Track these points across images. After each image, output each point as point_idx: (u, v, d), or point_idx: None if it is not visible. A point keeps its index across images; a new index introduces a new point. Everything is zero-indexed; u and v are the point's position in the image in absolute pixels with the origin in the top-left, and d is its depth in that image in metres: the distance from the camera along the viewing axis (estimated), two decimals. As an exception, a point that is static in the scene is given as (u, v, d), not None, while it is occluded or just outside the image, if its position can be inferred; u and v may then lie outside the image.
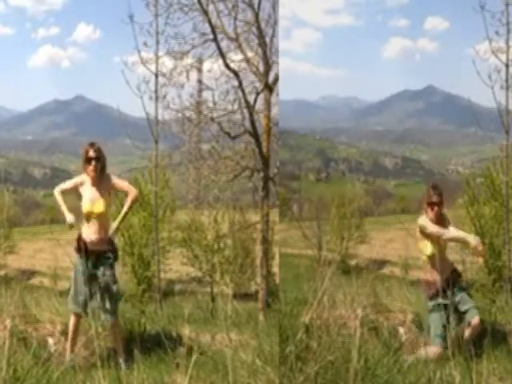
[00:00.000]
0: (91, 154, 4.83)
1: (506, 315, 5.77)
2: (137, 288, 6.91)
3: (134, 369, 4.34)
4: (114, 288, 4.85)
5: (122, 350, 4.85)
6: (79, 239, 4.85)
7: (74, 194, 4.93)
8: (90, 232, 4.81)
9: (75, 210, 4.89)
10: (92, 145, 4.89)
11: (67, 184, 4.91)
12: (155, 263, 7.07)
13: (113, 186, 4.90)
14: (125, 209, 4.93)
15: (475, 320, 4.81)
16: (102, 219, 4.84)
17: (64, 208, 4.79)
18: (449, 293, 4.80)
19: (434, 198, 4.93)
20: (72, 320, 4.92)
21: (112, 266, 4.88)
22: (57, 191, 4.85)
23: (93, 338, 4.69)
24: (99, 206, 4.79)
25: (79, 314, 4.89)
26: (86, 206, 4.80)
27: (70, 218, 4.75)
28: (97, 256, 4.79)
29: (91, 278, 4.81)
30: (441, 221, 4.95)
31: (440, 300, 4.85)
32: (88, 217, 4.80)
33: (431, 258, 4.88)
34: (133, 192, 4.94)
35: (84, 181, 4.87)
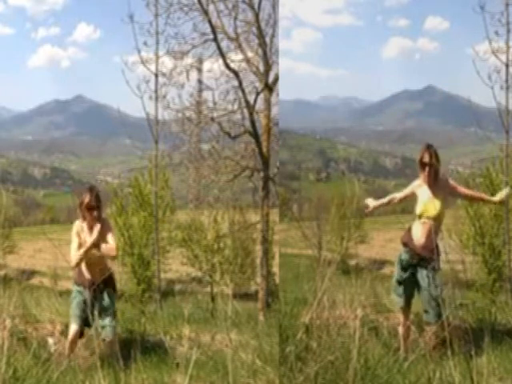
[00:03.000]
0: (93, 203, 4.64)
1: (506, 315, 5.77)
2: (137, 288, 6.91)
3: (134, 369, 4.35)
4: (113, 310, 4.77)
5: (119, 355, 4.78)
6: (79, 273, 4.80)
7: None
8: (89, 272, 4.74)
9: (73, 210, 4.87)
10: (91, 191, 4.70)
11: (74, 242, 4.70)
12: (155, 263, 7.07)
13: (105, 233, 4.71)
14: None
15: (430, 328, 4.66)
16: (101, 262, 4.78)
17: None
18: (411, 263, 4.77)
19: (425, 158, 4.86)
20: (72, 331, 4.85)
21: (112, 293, 4.82)
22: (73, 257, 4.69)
23: (93, 338, 4.69)
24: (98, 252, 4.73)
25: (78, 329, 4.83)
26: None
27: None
28: (95, 289, 4.70)
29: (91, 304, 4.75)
30: (434, 182, 4.77)
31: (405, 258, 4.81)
32: (88, 259, 4.70)
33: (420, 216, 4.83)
34: (112, 252, 4.70)
35: (82, 226, 4.73)
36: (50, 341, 5.12)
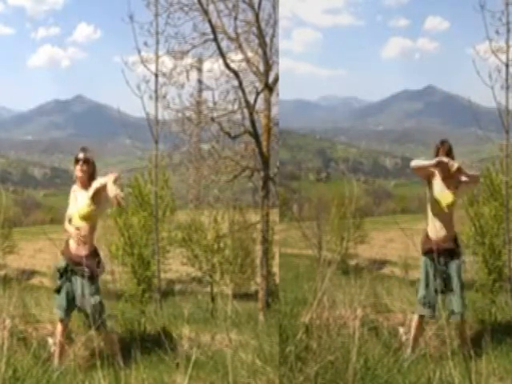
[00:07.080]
0: (80, 155, 4.87)
1: (506, 315, 5.78)
2: (137, 288, 6.91)
3: (134, 369, 4.35)
4: (93, 301, 4.66)
5: (119, 353, 4.77)
6: (66, 247, 4.81)
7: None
8: (75, 244, 4.74)
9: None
10: (83, 150, 4.91)
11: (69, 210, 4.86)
12: (155, 263, 7.06)
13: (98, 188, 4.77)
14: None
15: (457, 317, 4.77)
16: (89, 224, 4.78)
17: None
18: (441, 259, 4.78)
19: (438, 155, 4.86)
20: (58, 326, 4.83)
21: (92, 281, 4.70)
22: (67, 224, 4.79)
23: (93, 337, 4.69)
24: (85, 209, 4.75)
25: (64, 320, 4.82)
26: (74, 211, 4.79)
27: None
28: (77, 266, 4.68)
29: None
30: (449, 175, 4.82)
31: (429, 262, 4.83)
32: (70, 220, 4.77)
33: (436, 213, 4.83)
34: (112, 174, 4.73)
35: (74, 189, 4.90)
36: (50, 341, 5.11)
